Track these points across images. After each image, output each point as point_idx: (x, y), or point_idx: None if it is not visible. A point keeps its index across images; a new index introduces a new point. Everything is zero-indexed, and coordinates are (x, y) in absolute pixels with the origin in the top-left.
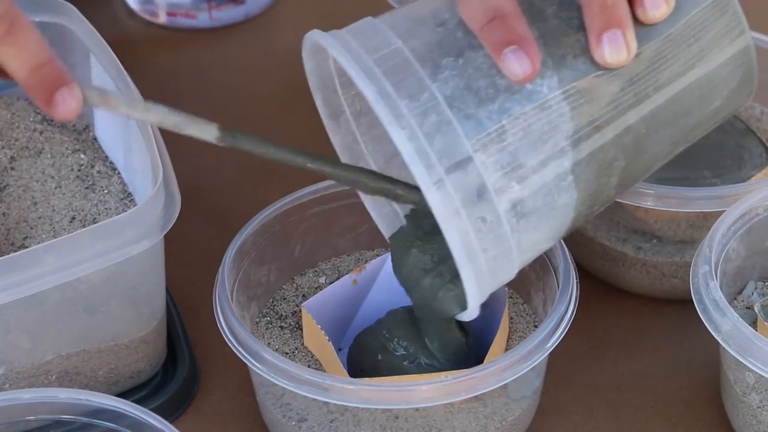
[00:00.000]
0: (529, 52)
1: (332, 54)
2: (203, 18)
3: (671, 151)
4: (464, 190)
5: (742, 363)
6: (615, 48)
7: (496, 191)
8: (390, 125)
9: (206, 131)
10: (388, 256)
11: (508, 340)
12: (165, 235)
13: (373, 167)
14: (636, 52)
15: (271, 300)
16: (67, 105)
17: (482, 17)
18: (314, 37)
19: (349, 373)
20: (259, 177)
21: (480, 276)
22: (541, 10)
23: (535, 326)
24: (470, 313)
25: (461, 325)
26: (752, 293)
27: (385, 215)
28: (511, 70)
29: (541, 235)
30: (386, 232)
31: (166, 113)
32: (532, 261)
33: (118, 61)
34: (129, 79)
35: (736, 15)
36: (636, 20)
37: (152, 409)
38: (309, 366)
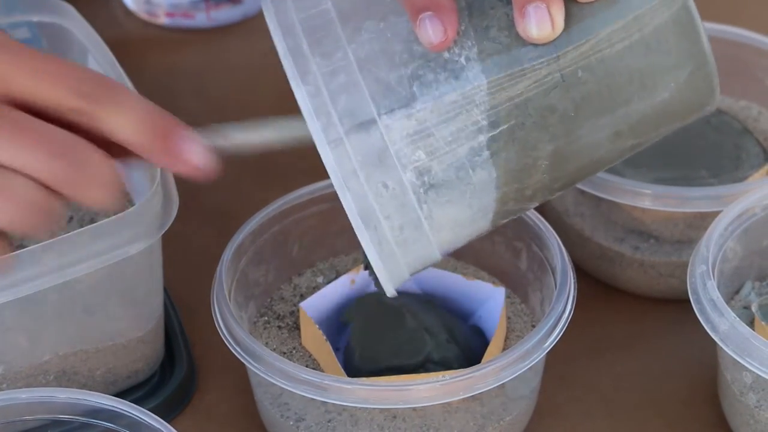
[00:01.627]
0: (445, 19)
1: (263, 9)
2: (201, 18)
3: (616, 143)
4: (364, 153)
5: (739, 363)
6: (539, 21)
7: (400, 157)
8: (293, 80)
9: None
10: None
11: (505, 340)
12: (163, 235)
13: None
14: (561, 28)
15: (269, 300)
16: (194, 152)
17: None
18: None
19: (346, 373)
20: (258, 177)
21: (384, 245)
22: None
23: (533, 326)
24: (385, 288)
25: (452, 335)
26: (749, 293)
27: None
28: (425, 36)
29: (460, 211)
30: None
31: (277, 123)
32: (531, 263)
33: (116, 61)
34: (127, 79)
35: (689, 13)
36: (575, 4)
37: (150, 409)
38: (307, 366)
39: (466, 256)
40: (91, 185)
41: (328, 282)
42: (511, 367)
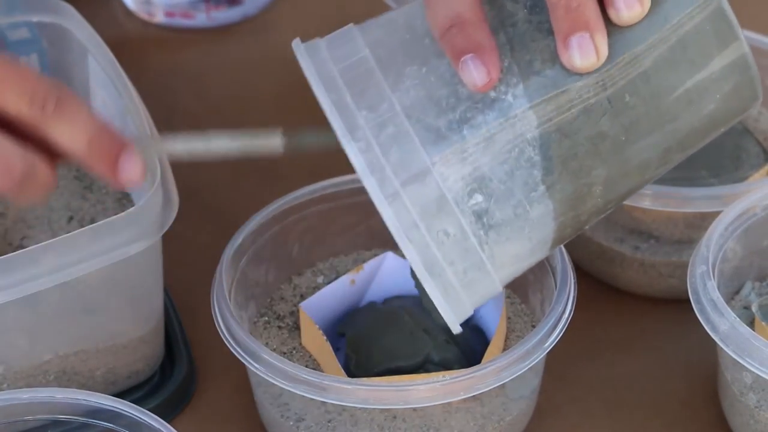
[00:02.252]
0: (487, 59)
1: (300, 64)
2: (201, 18)
3: (665, 158)
4: (422, 203)
5: (739, 363)
6: (583, 52)
7: (458, 202)
8: (343, 137)
9: (271, 142)
10: (385, 256)
11: (505, 340)
12: (163, 235)
13: None
14: (606, 56)
15: (269, 300)
16: (133, 170)
17: (443, 23)
18: (293, 46)
19: (346, 373)
20: (258, 177)
21: (450, 290)
22: (512, 14)
23: (533, 326)
24: (453, 329)
25: (451, 335)
26: (749, 293)
27: None
28: (468, 79)
29: (520, 246)
30: None
31: (227, 138)
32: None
33: (116, 61)
34: (127, 79)
35: (726, 20)
36: (610, 24)
37: (150, 409)
38: (307, 366)
39: None
40: (28, 194)
41: (328, 282)
42: (511, 367)
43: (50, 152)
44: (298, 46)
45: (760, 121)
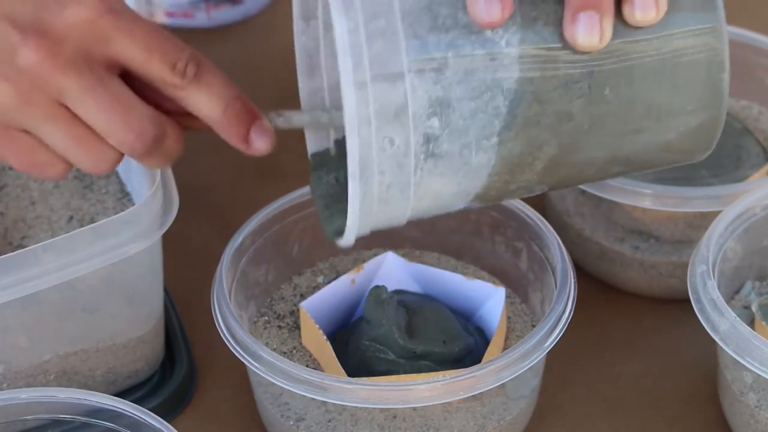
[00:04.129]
0: (499, 0)
1: None
2: (201, 18)
3: (606, 166)
4: (383, 103)
5: (739, 362)
6: (588, 30)
7: (415, 118)
8: (336, 11)
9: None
10: (386, 256)
11: (505, 340)
12: (163, 235)
13: (325, 84)
14: (608, 41)
15: (269, 299)
16: (263, 141)
17: None
18: None
19: (346, 373)
20: (257, 176)
21: (368, 199)
22: None
23: (533, 326)
24: (346, 238)
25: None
26: (750, 293)
27: (317, 136)
28: (477, 12)
29: (446, 185)
30: (311, 149)
31: (325, 114)
32: (532, 263)
33: None
34: None
35: (720, 69)
36: (618, 16)
37: (150, 409)
38: (307, 365)
39: (466, 256)
40: (156, 159)
41: (328, 282)
42: (511, 367)
43: (180, 120)
44: None
45: (760, 121)
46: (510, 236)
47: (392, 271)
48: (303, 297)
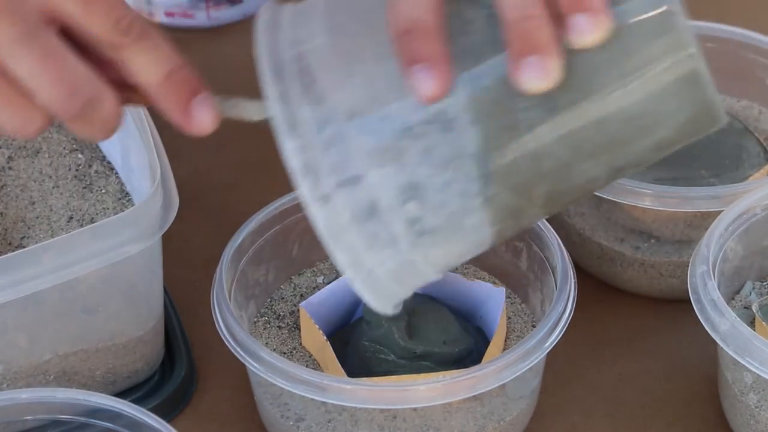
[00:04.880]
0: (438, 73)
1: (255, 39)
2: (201, 17)
3: (616, 175)
4: (353, 208)
5: (739, 363)
6: (533, 74)
7: (390, 210)
8: (283, 133)
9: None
10: None
11: (505, 340)
12: (163, 235)
13: None
14: (559, 80)
15: (269, 300)
16: (203, 117)
17: (401, 25)
18: (258, 14)
19: (346, 373)
20: (257, 176)
21: (380, 287)
22: (469, 21)
23: (533, 326)
24: (385, 312)
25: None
26: (750, 293)
27: None
28: (417, 88)
29: (454, 248)
30: None
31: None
32: (532, 263)
33: None
34: None
35: (680, 40)
36: (568, 47)
37: (150, 409)
38: (307, 366)
39: None
40: (89, 126)
41: (328, 282)
42: (511, 367)
43: (121, 89)
44: (260, 20)
45: (760, 121)
46: None
47: None
48: (303, 297)
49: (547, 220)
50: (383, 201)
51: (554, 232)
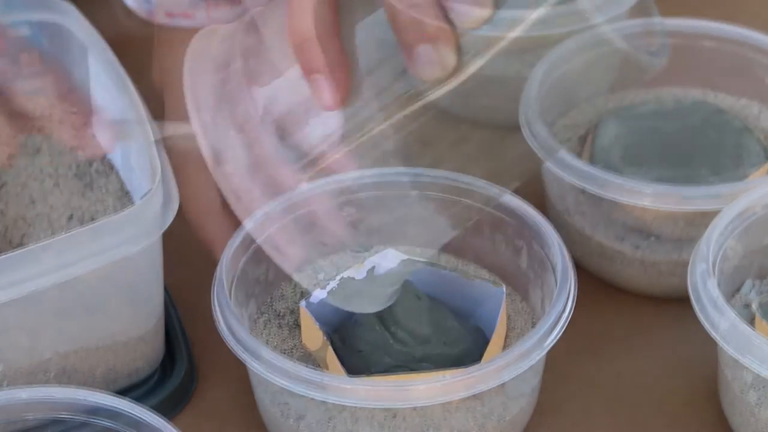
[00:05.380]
0: (336, 80)
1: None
2: (201, 17)
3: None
4: None
5: (739, 361)
6: (428, 61)
7: None
8: None
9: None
10: (386, 253)
11: (505, 338)
12: (163, 234)
13: None
14: (454, 66)
15: (269, 298)
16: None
17: (299, 35)
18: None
19: (346, 372)
20: None
21: None
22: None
23: (533, 324)
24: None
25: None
26: (750, 291)
27: None
28: (318, 97)
29: None
30: None
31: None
32: (532, 261)
33: (116, 60)
34: (127, 78)
35: None
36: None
37: (150, 408)
38: (307, 364)
39: (467, 255)
40: None
41: (328, 280)
42: (511, 366)
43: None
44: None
45: (760, 120)
46: (510, 235)
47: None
48: (303, 295)
49: (548, 218)
50: None
51: (554, 230)
